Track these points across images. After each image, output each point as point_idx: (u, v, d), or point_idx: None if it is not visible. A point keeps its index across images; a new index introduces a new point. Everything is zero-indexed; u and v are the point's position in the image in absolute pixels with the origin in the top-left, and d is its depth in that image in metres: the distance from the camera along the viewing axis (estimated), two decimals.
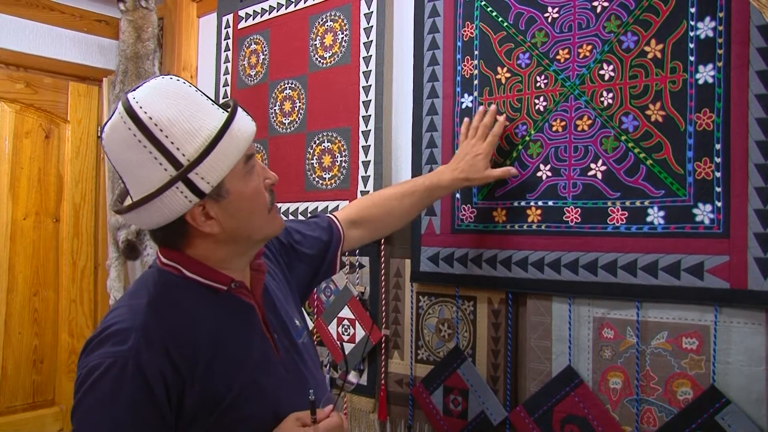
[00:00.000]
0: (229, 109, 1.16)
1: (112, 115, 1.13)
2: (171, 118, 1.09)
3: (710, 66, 1.43)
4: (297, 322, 1.40)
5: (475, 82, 1.79)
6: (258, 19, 2.46)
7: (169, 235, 1.20)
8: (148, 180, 1.10)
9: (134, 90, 1.14)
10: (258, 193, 1.22)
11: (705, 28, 1.43)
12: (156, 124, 1.09)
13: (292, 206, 2.26)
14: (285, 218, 1.52)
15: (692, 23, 1.45)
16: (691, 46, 1.45)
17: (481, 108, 1.75)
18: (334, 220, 1.63)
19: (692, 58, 1.45)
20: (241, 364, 1.20)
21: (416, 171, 1.91)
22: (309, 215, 2.17)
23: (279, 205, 2.26)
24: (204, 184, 1.11)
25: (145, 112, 1.09)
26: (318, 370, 1.41)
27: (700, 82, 1.44)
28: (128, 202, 1.19)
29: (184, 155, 1.09)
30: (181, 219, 1.15)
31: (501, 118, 1.71)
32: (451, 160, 1.73)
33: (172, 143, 1.09)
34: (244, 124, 1.17)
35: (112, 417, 1.06)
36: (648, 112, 1.50)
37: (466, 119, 1.77)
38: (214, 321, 1.20)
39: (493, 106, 1.73)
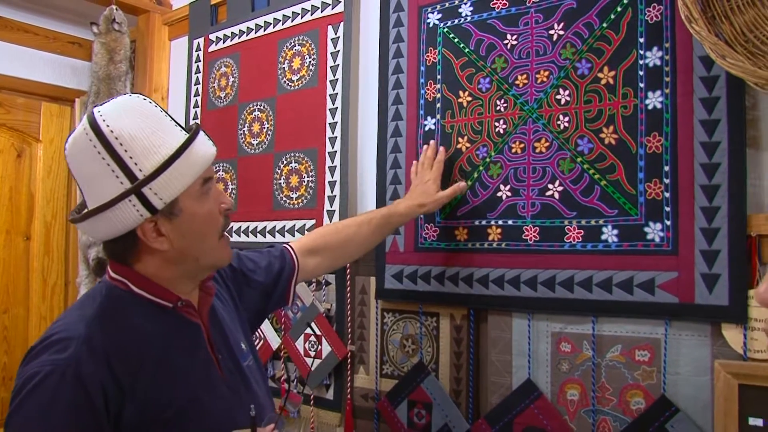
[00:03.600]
0: (191, 131, 1.18)
1: (77, 127, 1.15)
2: (132, 134, 1.12)
3: (658, 92, 1.50)
4: (243, 345, 1.40)
5: (438, 105, 1.85)
6: (228, 43, 2.51)
7: (120, 249, 1.21)
8: (103, 191, 1.12)
9: (101, 105, 1.16)
10: (211, 216, 1.24)
11: (653, 57, 1.51)
12: (117, 138, 1.10)
13: (260, 225, 2.29)
14: (239, 249, 1.55)
15: (641, 52, 1.52)
16: (641, 73, 1.52)
17: (424, 146, 1.84)
18: (289, 250, 1.62)
19: (642, 85, 1.52)
20: (184, 381, 1.20)
21: (381, 191, 1.95)
22: (276, 234, 2.21)
23: (248, 223, 2.30)
24: (157, 199, 1.13)
25: (108, 126, 1.11)
26: (265, 394, 1.41)
27: (650, 107, 1.51)
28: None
29: (140, 170, 1.11)
30: (132, 233, 1.16)
31: (441, 149, 1.81)
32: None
33: (131, 158, 1.11)
34: (204, 147, 1.20)
35: (50, 426, 1.05)
36: (602, 135, 1.57)
37: (415, 161, 1.84)
38: (158, 337, 1.20)
39: (432, 141, 1.83)
